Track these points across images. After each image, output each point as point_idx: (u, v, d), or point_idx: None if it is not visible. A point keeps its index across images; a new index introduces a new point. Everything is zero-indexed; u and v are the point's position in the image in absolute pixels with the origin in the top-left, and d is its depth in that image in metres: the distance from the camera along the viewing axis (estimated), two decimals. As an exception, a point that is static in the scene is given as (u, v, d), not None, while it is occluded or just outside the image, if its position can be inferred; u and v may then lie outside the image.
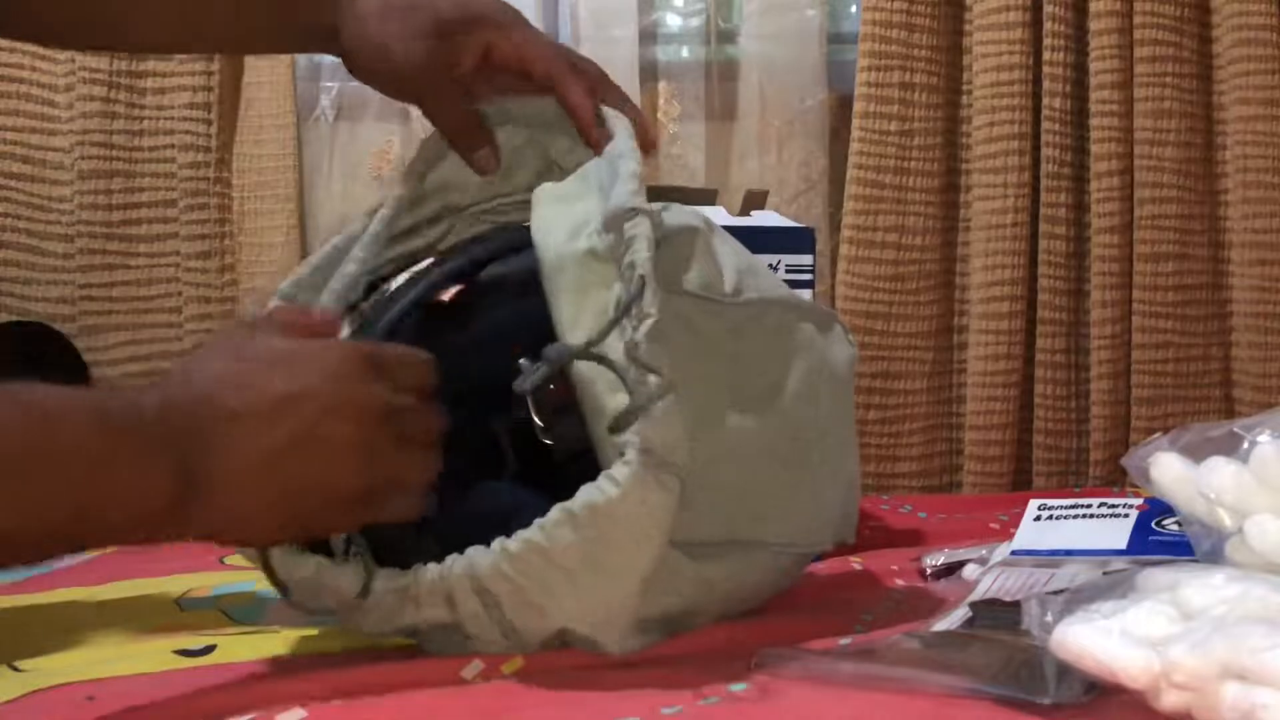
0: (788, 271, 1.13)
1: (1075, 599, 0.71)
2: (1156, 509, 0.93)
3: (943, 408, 1.67)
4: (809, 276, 1.14)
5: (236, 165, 1.72)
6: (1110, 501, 0.97)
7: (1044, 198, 1.62)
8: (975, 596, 0.88)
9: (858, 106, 1.64)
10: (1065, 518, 0.98)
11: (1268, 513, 0.75)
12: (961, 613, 0.84)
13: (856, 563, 1.08)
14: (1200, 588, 0.69)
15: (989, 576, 0.93)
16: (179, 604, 0.98)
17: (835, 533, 0.92)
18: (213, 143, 1.71)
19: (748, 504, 0.83)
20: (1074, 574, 0.89)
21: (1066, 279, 1.63)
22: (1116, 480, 1.55)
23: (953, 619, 0.83)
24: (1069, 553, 0.93)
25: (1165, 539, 0.91)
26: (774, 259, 1.13)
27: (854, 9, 1.78)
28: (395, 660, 0.79)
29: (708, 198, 1.34)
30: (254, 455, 0.72)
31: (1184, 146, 1.59)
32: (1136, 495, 1.01)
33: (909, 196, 1.64)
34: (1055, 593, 0.79)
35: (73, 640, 0.89)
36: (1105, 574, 0.85)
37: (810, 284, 1.13)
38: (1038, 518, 0.99)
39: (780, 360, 0.86)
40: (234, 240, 1.72)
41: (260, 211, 1.71)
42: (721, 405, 0.82)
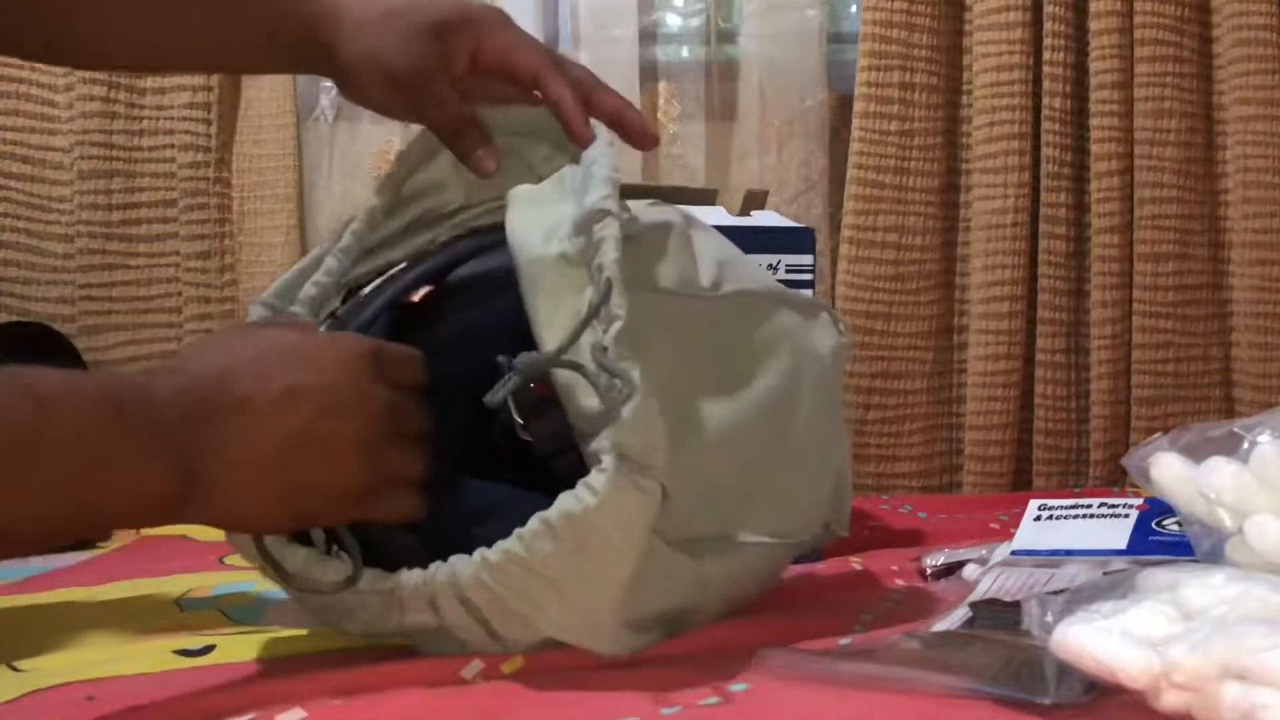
0: (788, 271, 1.13)
1: (1075, 599, 0.71)
2: (1156, 509, 0.93)
3: (943, 408, 1.67)
4: (809, 276, 1.14)
5: (236, 165, 1.72)
6: (1110, 501, 0.97)
7: (1044, 198, 1.62)
8: (975, 596, 0.88)
9: (858, 106, 1.64)
10: (1065, 518, 0.98)
11: (1268, 513, 0.75)
12: (961, 613, 0.84)
13: (856, 563, 1.08)
14: (1200, 588, 0.68)
15: (989, 576, 0.93)
16: (179, 604, 0.98)
17: (827, 522, 0.91)
18: (213, 143, 1.71)
19: (738, 497, 0.83)
20: (1074, 574, 0.89)
21: (1066, 279, 1.63)
22: (1116, 480, 1.55)
23: (953, 619, 0.83)
24: (1069, 553, 0.93)
25: (1165, 539, 0.91)
26: (774, 259, 1.13)
27: (854, 9, 1.78)
28: (395, 660, 0.79)
29: (708, 198, 1.34)
30: (260, 448, 0.72)
31: (1184, 146, 1.59)
32: (1136, 495, 1.01)
33: (909, 196, 1.64)
34: (1055, 593, 0.79)
35: (73, 640, 0.89)
36: (1105, 574, 0.85)
37: (810, 284, 1.13)
38: (1038, 518, 0.99)
39: (762, 350, 0.86)
40: (234, 240, 1.72)
41: (260, 211, 1.72)
42: (706, 400, 0.82)
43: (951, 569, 1.03)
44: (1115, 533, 0.93)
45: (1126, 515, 0.95)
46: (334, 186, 1.74)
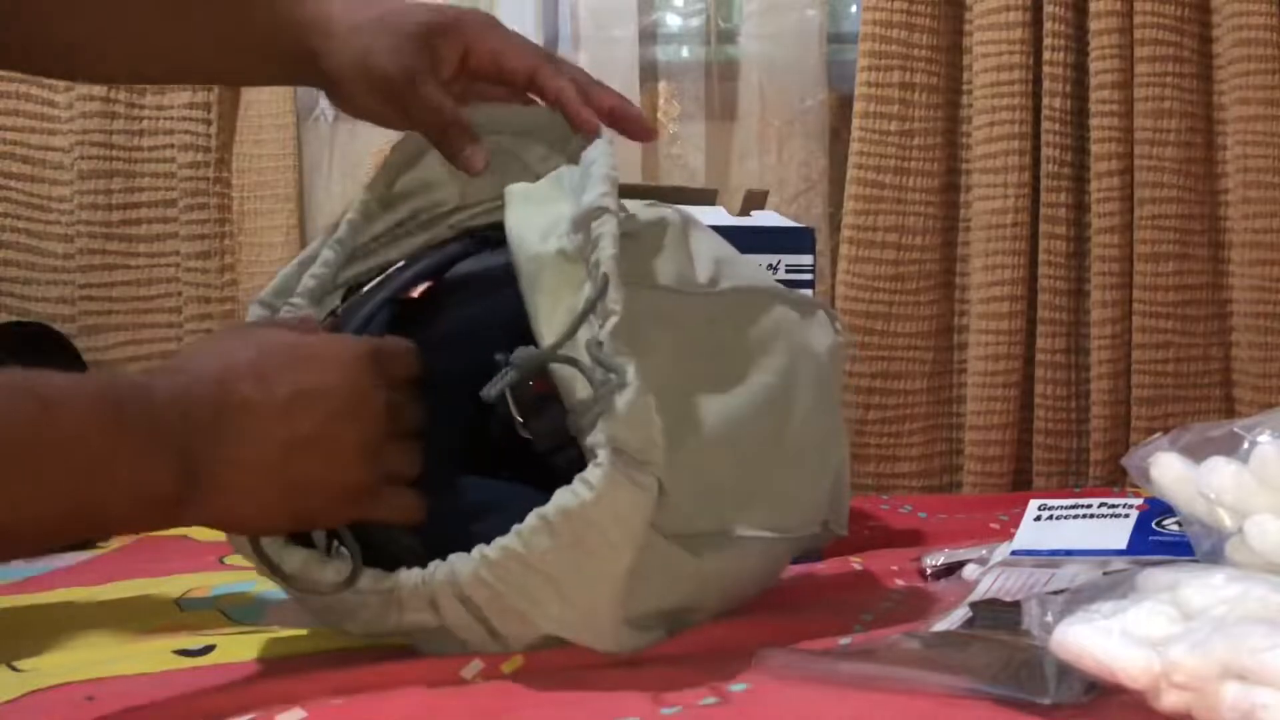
0: (788, 271, 1.13)
1: (1075, 599, 0.71)
2: (1156, 509, 0.93)
3: (943, 408, 1.67)
4: (809, 276, 1.14)
5: (236, 165, 1.72)
6: (1110, 501, 0.97)
7: (1044, 198, 1.62)
8: (975, 596, 0.88)
9: (858, 106, 1.64)
10: (1065, 518, 0.98)
11: (1268, 513, 0.75)
12: (961, 613, 0.84)
13: (856, 563, 1.08)
14: (1200, 588, 0.68)
15: (989, 576, 0.92)
16: (179, 604, 0.98)
17: (826, 519, 0.91)
18: (212, 143, 1.71)
19: (736, 492, 0.83)
20: (1074, 574, 0.89)
21: (1066, 279, 1.63)
22: (1116, 480, 1.55)
23: (953, 619, 0.83)
24: (1069, 553, 0.93)
25: (1165, 539, 0.91)
26: (774, 259, 1.13)
27: (854, 9, 1.78)
28: (395, 660, 0.79)
29: (708, 198, 1.34)
30: (261, 450, 0.72)
31: (1184, 146, 1.59)
32: (1136, 495, 1.01)
33: (909, 196, 1.64)
34: (1055, 593, 0.79)
35: (73, 640, 0.89)
36: (1105, 574, 0.85)
37: (810, 284, 1.13)
38: (1038, 518, 0.99)
39: (759, 347, 0.86)
40: (234, 240, 1.72)
41: (260, 211, 1.72)
42: (703, 396, 0.82)
43: (951, 569, 1.03)
44: (1115, 533, 0.93)
45: (1126, 515, 0.95)
46: (334, 186, 1.75)
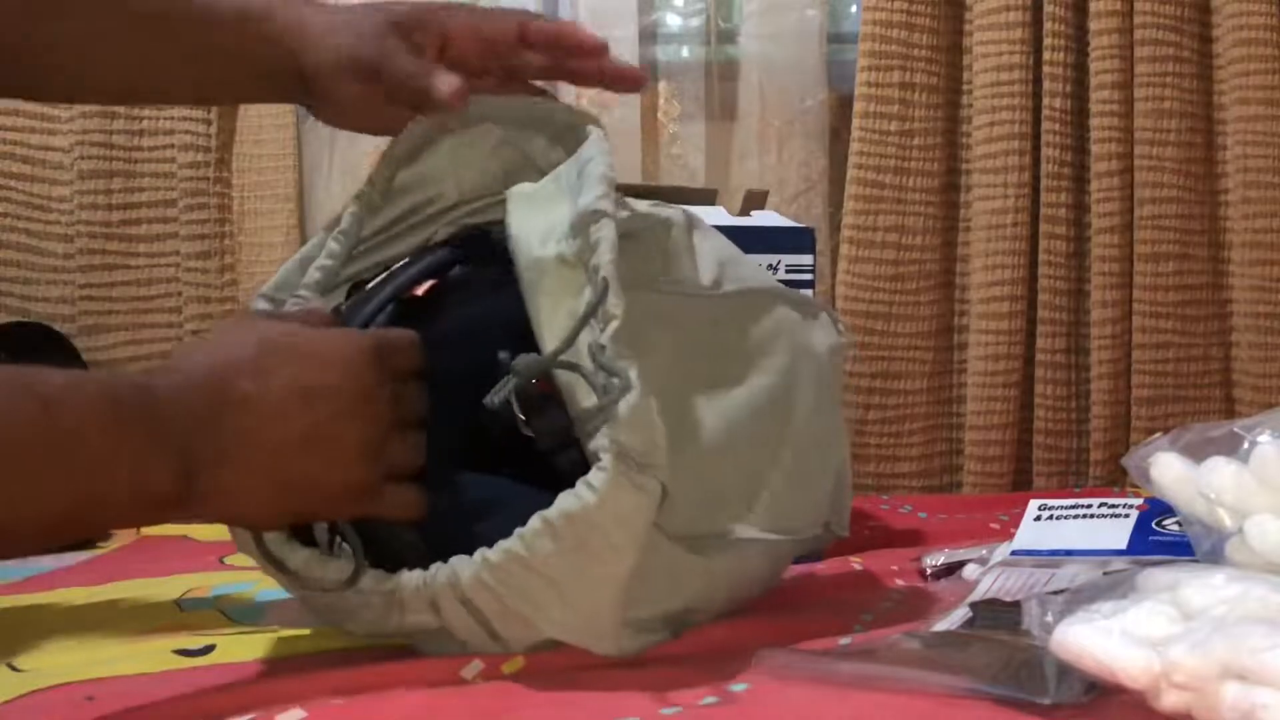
0: (788, 271, 1.13)
1: (1075, 599, 0.71)
2: (1156, 509, 0.93)
3: (943, 408, 1.67)
4: (809, 276, 1.14)
5: (236, 165, 1.72)
6: (1110, 501, 0.97)
7: (1044, 198, 1.62)
8: (975, 596, 0.88)
9: (858, 106, 1.64)
10: (1065, 518, 0.98)
11: (1268, 513, 0.75)
12: (961, 613, 0.84)
13: (856, 563, 1.08)
14: (1200, 588, 0.68)
15: (989, 576, 0.92)
16: (179, 604, 0.98)
17: (827, 521, 0.91)
18: (213, 143, 1.71)
19: (739, 494, 0.83)
20: (1074, 574, 0.89)
21: (1066, 279, 1.63)
22: (1116, 480, 1.55)
23: (953, 619, 0.83)
24: (1069, 553, 0.93)
25: (1165, 539, 0.91)
26: (774, 259, 1.13)
27: (854, 9, 1.78)
28: (395, 660, 0.79)
29: (708, 198, 1.34)
30: (261, 448, 0.72)
31: (1184, 146, 1.59)
32: (1136, 495, 1.01)
33: (909, 196, 1.64)
34: (1055, 593, 0.79)
35: (73, 640, 0.89)
36: (1105, 574, 0.85)
37: (810, 284, 1.13)
38: (1038, 518, 0.99)
39: (762, 348, 0.86)
40: (234, 240, 1.72)
41: (260, 211, 1.71)
42: (706, 397, 0.82)
43: (951, 569, 1.03)
44: (1115, 533, 0.93)
45: (1126, 515, 0.95)
46: (334, 186, 1.74)
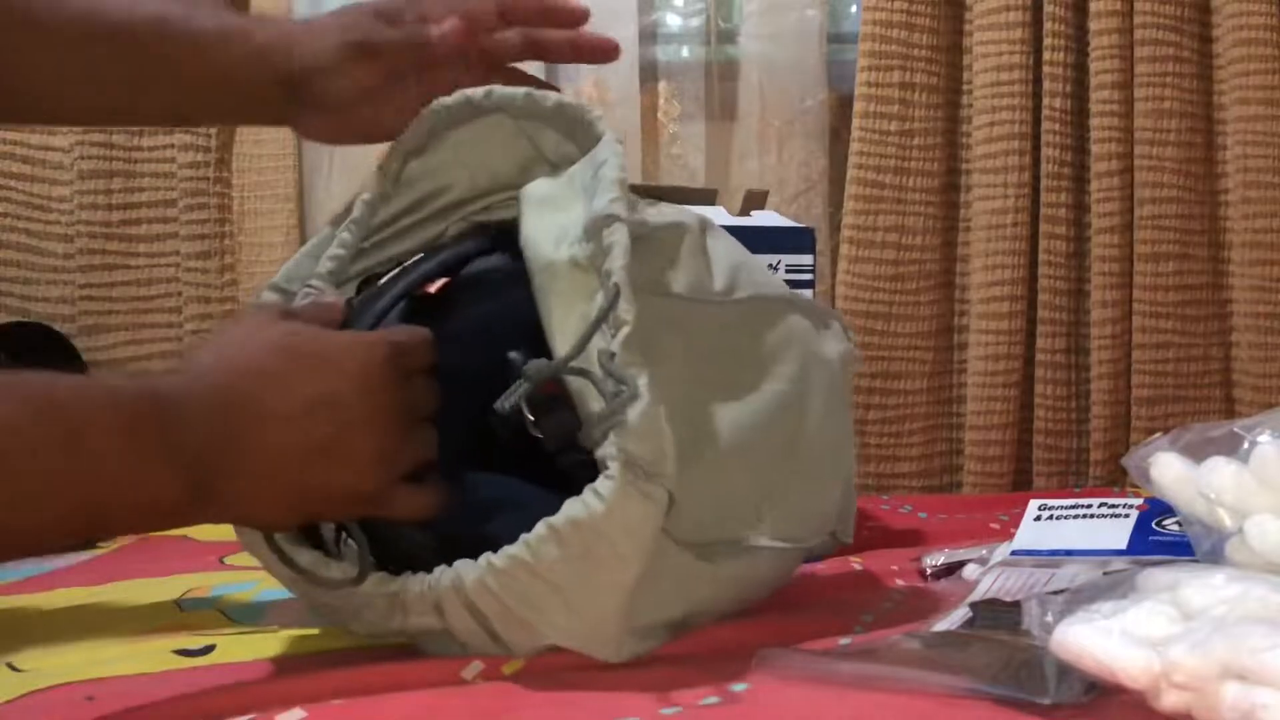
0: (788, 271, 1.13)
1: (1075, 599, 0.71)
2: (1156, 509, 0.93)
3: (943, 408, 1.67)
4: (809, 276, 1.14)
5: (236, 165, 1.72)
6: (1110, 501, 0.97)
7: (1044, 198, 1.62)
8: (975, 596, 0.88)
9: (858, 106, 1.64)
10: (1065, 518, 0.98)
11: (1268, 513, 0.75)
12: (961, 613, 0.84)
13: (856, 563, 1.08)
14: (1200, 588, 0.68)
15: (989, 576, 0.92)
16: (179, 604, 0.98)
17: (834, 529, 0.91)
18: (213, 143, 1.70)
19: (750, 501, 0.83)
20: (1074, 574, 0.89)
21: (1066, 279, 1.63)
22: (1116, 480, 1.55)
23: (953, 619, 0.83)
24: (1069, 553, 0.93)
25: (1165, 539, 0.91)
26: (774, 259, 1.13)
27: (854, 9, 1.78)
28: (395, 660, 0.79)
29: (708, 198, 1.34)
30: (279, 458, 0.72)
31: (1184, 146, 1.59)
32: (1136, 495, 1.01)
33: (909, 196, 1.64)
34: (1055, 593, 0.79)
35: (73, 640, 0.89)
36: (1105, 574, 0.85)
37: (810, 284, 1.13)
38: (1038, 518, 0.99)
39: (773, 356, 0.86)
40: (234, 240, 1.72)
41: (260, 211, 1.71)
42: (717, 404, 0.81)
43: (951, 569, 1.02)
44: (1115, 533, 0.93)
45: (1126, 515, 0.95)
46: (334, 186, 1.74)
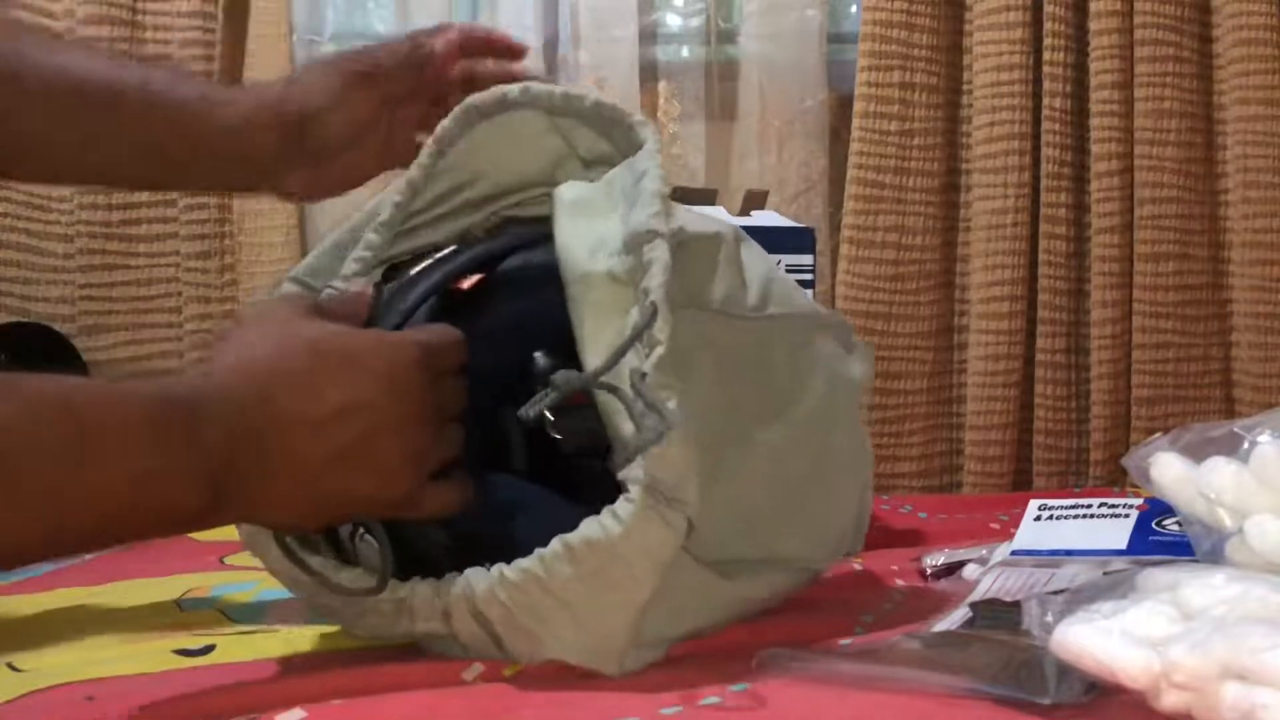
0: (788, 271, 1.13)
1: (1075, 599, 0.71)
2: (1156, 509, 0.93)
3: (943, 408, 1.67)
4: (809, 276, 1.14)
5: (236, 165, 1.72)
6: (1110, 501, 0.97)
7: (1044, 198, 1.62)
8: (975, 596, 0.88)
9: (858, 106, 1.64)
10: (1065, 518, 0.98)
11: (1268, 513, 0.75)
12: (961, 613, 0.84)
13: (856, 563, 1.08)
14: (1200, 588, 0.68)
15: (989, 576, 0.92)
16: (179, 604, 0.98)
17: (849, 546, 0.92)
18: (213, 143, 1.70)
19: (773, 520, 0.82)
20: (1074, 574, 0.89)
21: (1066, 279, 1.63)
22: (1116, 480, 1.55)
23: (953, 619, 0.83)
24: (1069, 553, 0.93)
25: (1165, 539, 0.91)
26: (774, 259, 1.12)
27: (854, 9, 1.78)
28: (395, 661, 0.79)
29: (708, 198, 1.34)
30: (307, 464, 0.71)
31: (1184, 146, 1.59)
32: (1136, 495, 1.01)
33: (909, 196, 1.64)
34: (1055, 593, 0.79)
35: (73, 640, 0.89)
36: (1105, 574, 0.85)
37: (810, 284, 1.13)
38: (1038, 518, 0.99)
39: (803, 377, 0.85)
40: (234, 240, 1.72)
41: (260, 211, 1.71)
42: (746, 423, 0.81)
43: (951, 569, 1.02)
44: (1115, 533, 0.93)
45: (1126, 515, 0.95)
46: (334, 186, 1.74)
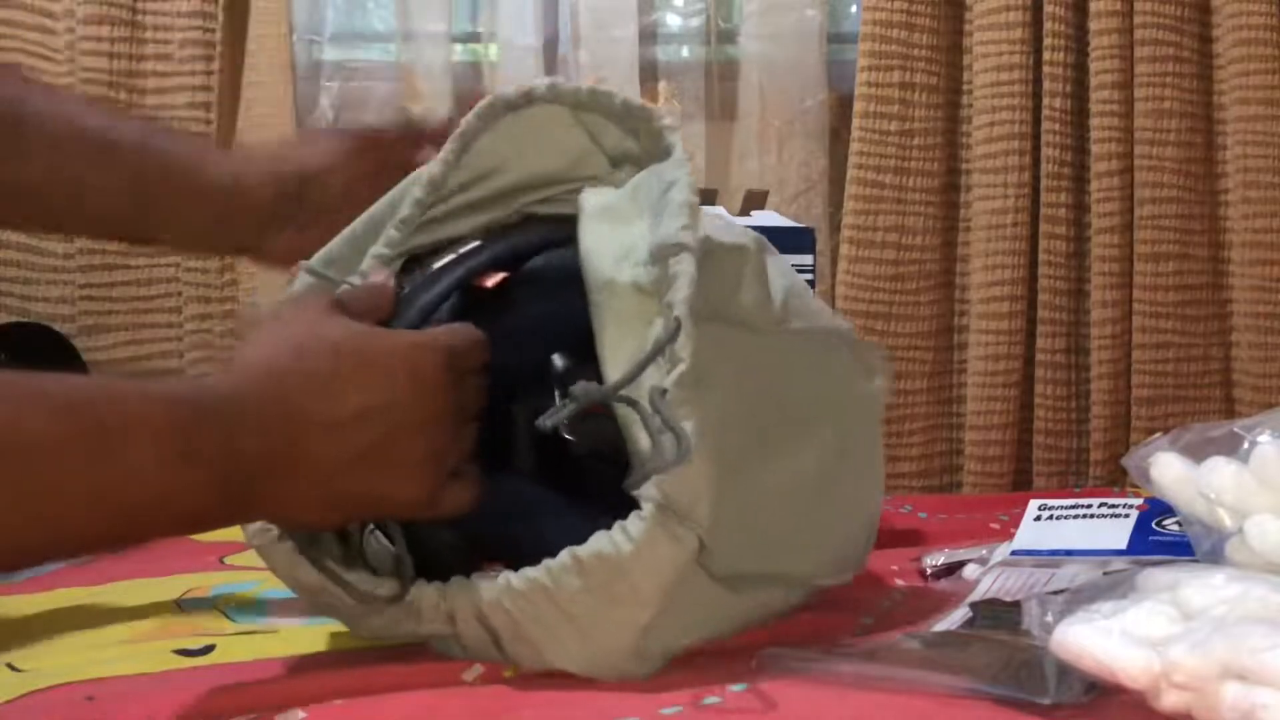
0: (788, 271, 1.13)
1: (1075, 599, 0.71)
2: (1156, 509, 0.93)
3: (943, 408, 1.67)
4: (809, 276, 1.14)
5: (236, 165, 1.72)
6: (1110, 501, 0.97)
7: (1044, 198, 1.62)
8: (975, 596, 0.88)
9: (858, 106, 1.64)
10: (1065, 518, 0.98)
11: (1268, 513, 0.75)
12: (961, 613, 0.84)
13: (857, 563, 1.08)
14: (1200, 588, 0.68)
15: (989, 576, 0.93)
16: (179, 604, 0.98)
17: (855, 566, 0.91)
18: (212, 142, 1.70)
19: (785, 538, 0.82)
20: (1074, 574, 0.89)
21: (1066, 279, 1.63)
22: (1116, 480, 1.55)
23: (953, 619, 0.83)
24: (1069, 553, 0.93)
25: (1165, 539, 0.91)
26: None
27: (854, 9, 1.78)
28: (396, 661, 0.79)
29: (708, 198, 1.33)
30: (322, 465, 0.71)
31: (1184, 146, 1.60)
32: (1136, 495, 1.01)
33: (909, 196, 1.64)
34: (1055, 593, 0.79)
35: (73, 640, 0.89)
36: (1105, 574, 0.85)
37: (810, 284, 1.13)
38: (1038, 518, 0.99)
39: (822, 393, 0.85)
40: (234, 240, 1.72)
41: (260, 211, 1.71)
42: (764, 438, 0.80)
43: (951, 569, 1.02)
44: (1115, 533, 0.93)
45: (1126, 515, 0.95)
46: (334, 186, 1.74)
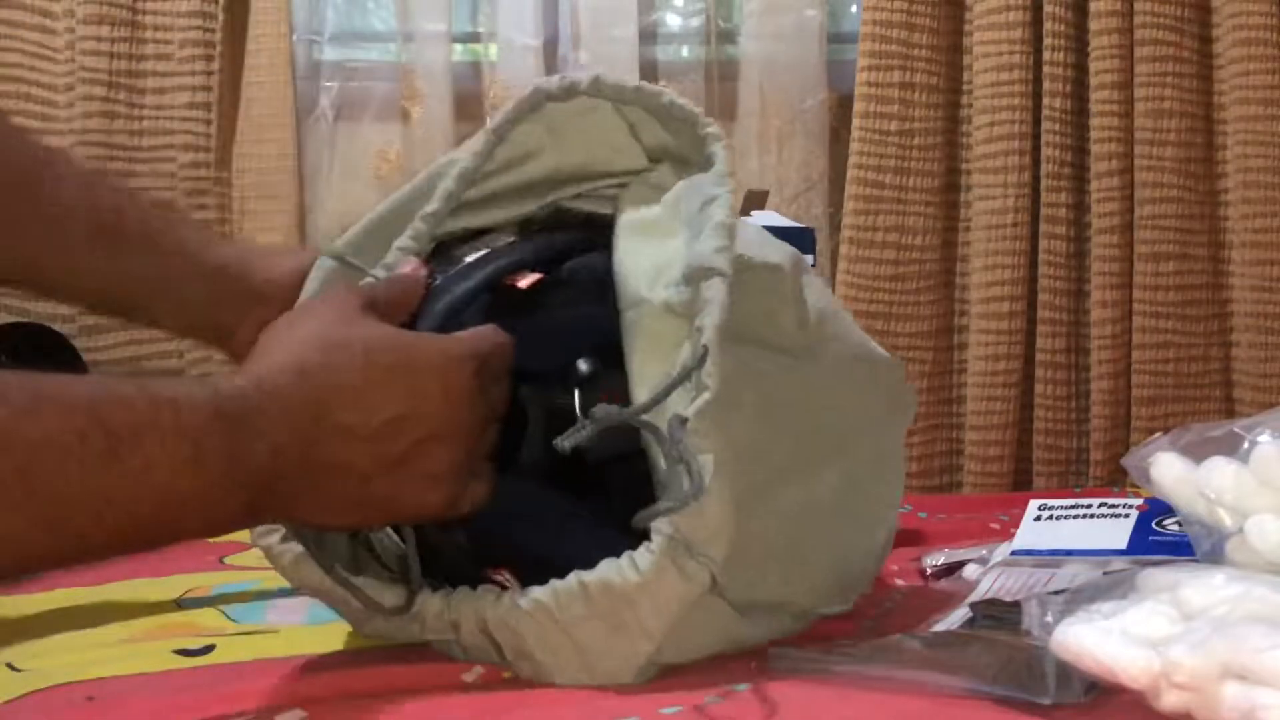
0: (788, 271, 1.12)
1: (1075, 599, 0.71)
2: (1156, 509, 0.93)
3: (943, 408, 1.67)
4: (809, 277, 1.13)
5: (236, 165, 1.72)
6: (1110, 501, 0.97)
7: (1044, 198, 1.62)
8: (975, 596, 0.88)
9: (858, 106, 1.64)
10: (1065, 518, 0.98)
11: (1268, 513, 0.75)
12: (961, 613, 0.84)
13: (856, 563, 1.08)
14: (1200, 588, 0.68)
15: (989, 576, 0.93)
16: (179, 604, 0.98)
17: (862, 588, 0.91)
18: (212, 143, 1.71)
19: (800, 566, 0.82)
20: (1074, 574, 0.89)
21: (1066, 279, 1.63)
22: (1116, 480, 1.55)
23: (953, 619, 0.83)
24: (1069, 553, 0.93)
25: (1165, 539, 0.91)
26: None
27: (854, 9, 1.78)
28: (396, 662, 0.79)
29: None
30: (353, 473, 0.70)
31: (1184, 146, 1.60)
32: (1136, 495, 1.01)
33: (909, 196, 1.64)
34: (1055, 593, 0.79)
35: (73, 640, 0.89)
36: (1105, 574, 0.85)
37: (810, 284, 1.13)
38: (1038, 518, 0.99)
39: (848, 419, 0.85)
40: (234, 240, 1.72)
41: (260, 211, 1.71)
42: (786, 467, 0.80)
43: (951, 569, 1.02)
44: (1115, 533, 0.93)
45: (1126, 515, 0.95)
46: (334, 186, 1.74)
